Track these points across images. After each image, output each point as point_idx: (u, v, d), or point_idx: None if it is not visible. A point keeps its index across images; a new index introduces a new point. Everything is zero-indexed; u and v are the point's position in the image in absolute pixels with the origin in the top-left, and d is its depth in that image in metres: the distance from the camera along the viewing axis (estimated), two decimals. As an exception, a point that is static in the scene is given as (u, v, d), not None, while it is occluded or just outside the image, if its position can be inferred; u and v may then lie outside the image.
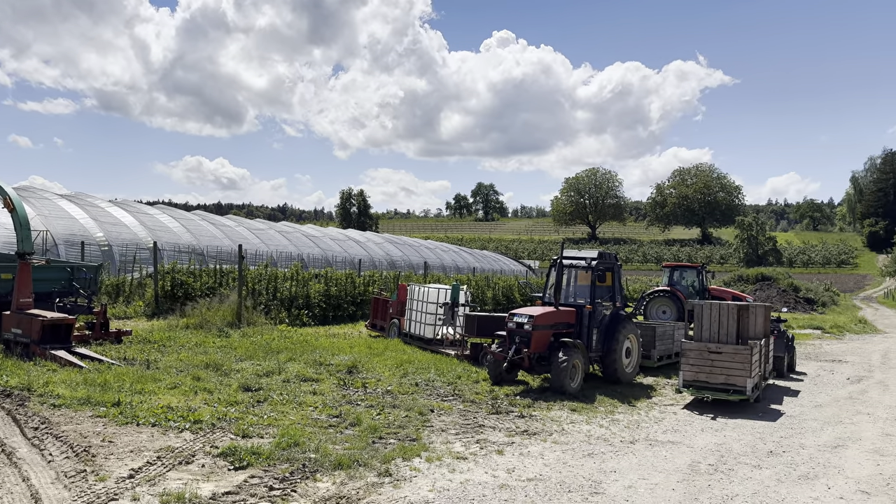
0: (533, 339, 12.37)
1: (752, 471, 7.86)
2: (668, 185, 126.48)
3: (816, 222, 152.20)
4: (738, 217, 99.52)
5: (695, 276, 25.92)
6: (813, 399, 12.86)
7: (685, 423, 10.40)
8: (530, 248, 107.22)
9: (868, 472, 7.98)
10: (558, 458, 8.06)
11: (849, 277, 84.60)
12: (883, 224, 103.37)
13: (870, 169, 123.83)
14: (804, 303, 42.79)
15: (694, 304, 12.96)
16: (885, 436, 9.90)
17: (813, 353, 20.71)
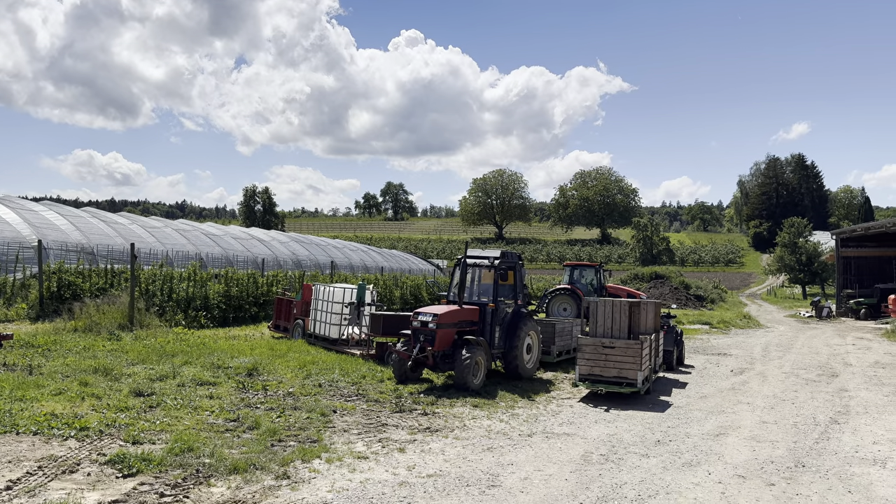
0: (437, 338, 12.49)
1: (641, 459, 8.27)
2: (571, 187, 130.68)
3: (706, 223, 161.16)
4: (634, 218, 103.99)
5: (593, 274, 26.95)
6: (699, 390, 13.63)
7: (580, 416, 10.80)
8: (439, 248, 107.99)
9: (745, 457, 8.56)
10: (459, 454, 8.19)
11: (736, 276, 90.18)
12: (766, 225, 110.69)
13: (755, 174, 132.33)
14: (694, 300, 45.26)
15: (589, 302, 13.47)
16: (761, 423, 10.63)
17: (701, 346, 21.94)
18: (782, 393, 13.39)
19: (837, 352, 21.12)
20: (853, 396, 13.13)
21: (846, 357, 19.67)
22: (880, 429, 10.32)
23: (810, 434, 9.88)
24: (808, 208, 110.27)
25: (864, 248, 44.31)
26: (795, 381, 14.92)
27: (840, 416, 11.20)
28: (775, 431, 10.02)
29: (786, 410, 11.64)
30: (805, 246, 59.84)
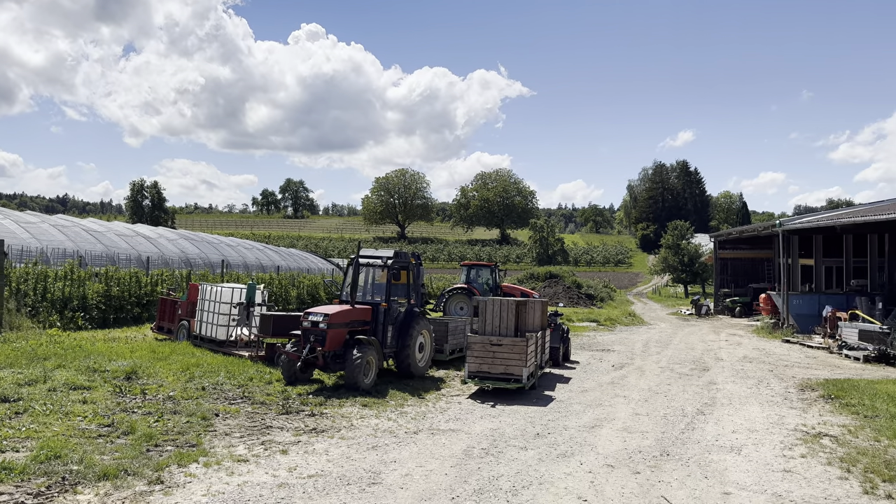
0: (328, 338, 12.44)
1: (519, 452, 8.60)
2: (472, 188, 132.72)
3: (599, 225, 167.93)
4: (532, 220, 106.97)
5: (489, 273, 27.55)
6: (581, 385, 14.27)
7: (467, 412, 11.07)
8: (341, 247, 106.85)
9: (616, 447, 9.07)
10: (343, 453, 8.22)
11: (624, 275, 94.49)
12: (653, 228, 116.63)
13: (643, 179, 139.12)
14: (585, 298, 47.09)
15: (478, 301, 13.81)
16: (635, 415, 11.28)
17: (587, 343, 22.91)
18: (657, 386, 14.23)
19: (711, 347, 22.62)
20: (720, 389, 14.14)
21: (718, 352, 21.11)
22: (740, 419, 11.18)
23: (678, 425, 10.58)
24: (691, 212, 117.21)
25: (739, 250, 47.62)
26: (670, 375, 15.88)
27: (706, 408, 12.04)
28: (646, 423, 10.66)
29: (658, 403, 12.39)
30: (687, 248, 63.57)
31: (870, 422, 10.72)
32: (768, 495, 7.17)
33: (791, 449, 9.12)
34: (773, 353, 21.19)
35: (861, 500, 7.01)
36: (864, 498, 7.06)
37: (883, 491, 7.23)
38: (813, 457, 8.68)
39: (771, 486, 7.49)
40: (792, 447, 9.22)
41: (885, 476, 7.70)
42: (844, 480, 7.65)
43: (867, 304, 26.81)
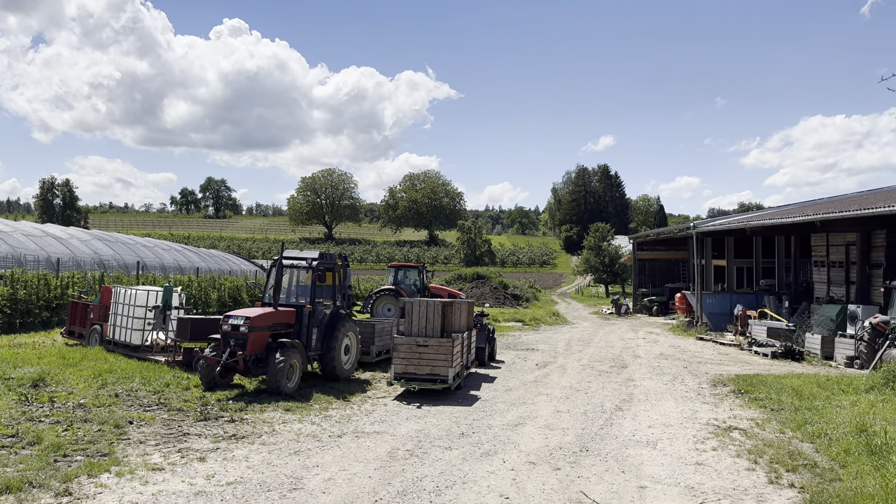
0: (249, 341, 12.15)
1: (444, 452, 8.64)
2: (401, 189, 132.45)
3: (525, 227, 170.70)
4: (460, 221, 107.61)
5: (416, 275, 27.58)
6: (506, 384, 14.46)
7: (393, 414, 11.04)
8: (265, 248, 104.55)
9: (538, 445, 9.24)
10: (263, 459, 8.05)
11: (549, 276, 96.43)
12: (576, 230, 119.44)
13: (567, 182, 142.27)
14: (511, 298, 47.78)
15: (405, 302, 13.79)
16: (556, 413, 11.52)
17: (513, 343, 23.25)
18: (578, 384, 14.59)
19: (629, 345, 23.36)
20: (638, 385, 14.61)
21: (636, 350, 21.82)
22: (656, 414, 11.58)
23: (597, 421, 10.87)
24: (612, 214, 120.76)
25: (656, 251, 49.42)
26: (591, 373, 16.31)
27: (624, 404, 12.42)
28: (567, 420, 10.91)
29: (579, 400, 12.70)
30: (608, 249, 65.49)
31: (776, 415, 11.31)
32: (681, 488, 7.45)
33: (703, 442, 9.51)
34: (688, 350, 22.07)
35: (766, 489, 7.38)
36: (769, 487, 7.44)
37: (786, 480, 7.64)
38: (723, 449, 9.08)
39: (684, 478, 7.79)
40: (704, 441, 9.62)
41: (788, 466, 8.14)
42: (752, 471, 8.04)
43: (775, 303, 28.31)
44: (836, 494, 6.76)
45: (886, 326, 17.45)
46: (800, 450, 8.92)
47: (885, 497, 6.41)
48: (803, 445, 9.22)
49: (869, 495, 6.53)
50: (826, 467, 8.06)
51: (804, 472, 7.88)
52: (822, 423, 10.12)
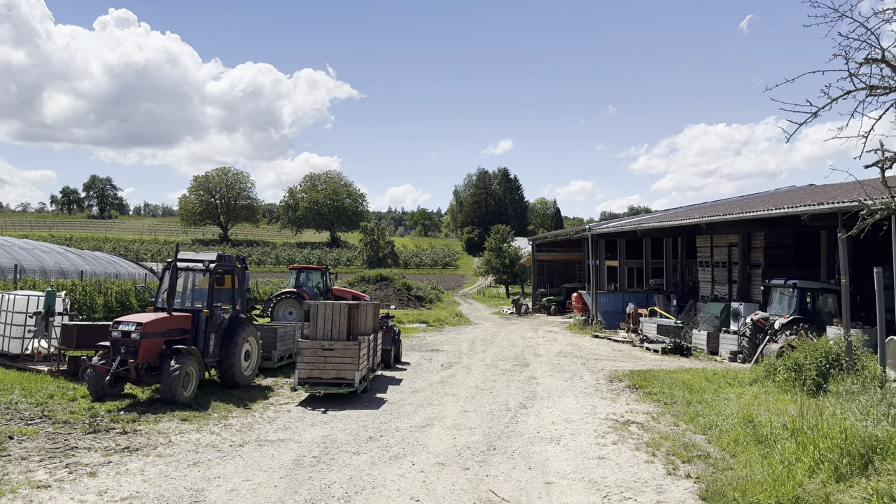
0: (141, 349, 11.51)
1: (352, 457, 8.50)
2: (301, 189, 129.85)
3: (428, 229, 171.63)
4: (362, 222, 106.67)
5: (319, 277, 27.08)
6: (412, 385, 14.43)
7: (297, 420, 10.76)
8: (155, 250, 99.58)
9: (446, 445, 9.26)
10: (160, 472, 7.62)
11: (452, 277, 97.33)
12: (477, 231, 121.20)
13: (468, 185, 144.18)
14: (415, 300, 47.84)
15: (309, 305, 13.50)
16: (463, 413, 11.60)
17: (418, 344, 23.27)
18: (483, 383, 14.77)
19: (530, 344, 23.91)
20: (540, 383, 14.96)
21: (537, 349, 22.36)
22: (558, 410, 11.89)
23: (502, 419, 11.03)
24: (512, 217, 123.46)
25: (554, 252, 50.94)
26: (495, 372, 16.56)
27: (528, 402, 12.68)
28: (474, 419, 11.01)
29: (484, 399, 12.85)
30: (508, 250, 66.81)
31: (669, 408, 11.88)
32: (586, 482, 7.67)
33: (604, 437, 9.84)
34: (585, 347, 22.86)
35: (665, 480, 7.72)
36: (667, 479, 7.78)
37: (683, 471, 8.02)
38: (623, 443, 9.43)
39: (588, 472, 8.03)
40: (604, 435, 9.96)
41: (684, 457, 8.55)
42: (650, 464, 8.39)
43: (664, 301, 29.81)
44: (728, 483, 7.15)
45: (766, 322, 18.74)
46: (693, 441, 9.40)
47: (772, 483, 6.84)
48: (696, 437, 9.72)
49: (757, 482, 6.95)
50: (718, 457, 8.52)
51: (699, 463, 8.31)
52: (713, 416, 10.71)
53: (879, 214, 9.32)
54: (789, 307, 18.70)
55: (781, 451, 7.72)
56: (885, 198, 9.36)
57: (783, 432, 8.45)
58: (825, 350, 12.21)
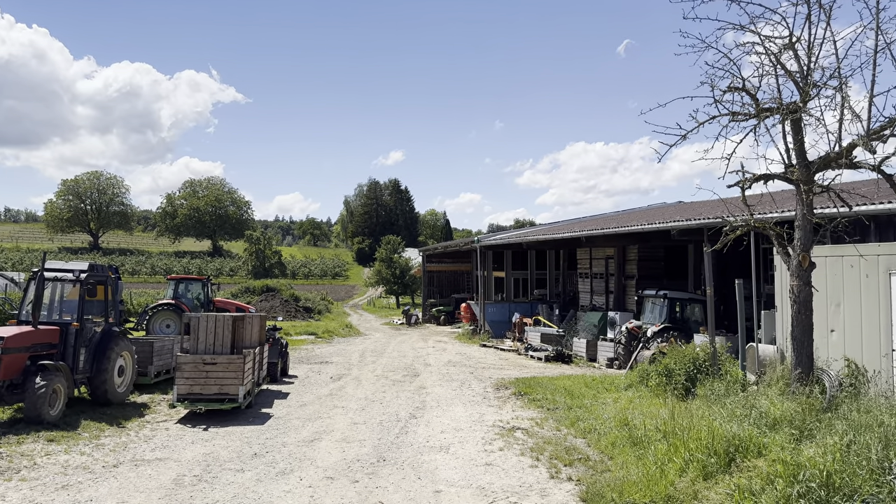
0: (2, 365, 10.63)
1: (236, 475, 8.22)
2: (180, 195, 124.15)
3: (317, 238, 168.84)
4: (247, 231, 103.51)
5: (200, 288, 26.00)
6: (300, 399, 14.15)
7: (176, 438, 10.28)
8: (16, 258, 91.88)
9: (335, 459, 9.15)
10: (24, 497, 7.07)
11: (341, 288, 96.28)
12: (368, 242, 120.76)
13: (359, 194, 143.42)
14: (304, 311, 46.89)
15: (190, 317, 12.97)
16: (353, 425, 11.50)
17: (306, 356, 22.83)
18: (373, 394, 14.71)
19: (420, 354, 24.06)
20: (429, 393, 15.09)
21: (427, 358, 22.54)
22: (447, 419, 12.05)
23: (392, 430, 11.04)
24: (403, 227, 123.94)
25: (444, 263, 51.59)
26: (385, 383, 16.53)
27: (418, 411, 12.76)
28: (364, 431, 10.95)
29: (375, 410, 12.81)
30: (399, 261, 67.00)
31: (552, 414, 12.33)
32: (474, 489, 7.82)
33: (491, 443, 10.08)
34: (473, 356, 23.28)
35: (549, 484, 8.01)
36: (551, 482, 8.08)
37: (565, 474, 8.35)
38: (509, 449, 9.70)
39: (476, 479, 8.19)
40: (492, 442, 10.19)
41: (566, 461, 8.90)
42: (535, 468, 8.68)
43: (547, 311, 30.90)
44: (606, 484, 7.52)
45: (639, 331, 19.86)
46: (574, 445, 9.81)
47: (646, 483, 7.26)
48: (577, 441, 10.15)
49: (633, 482, 7.36)
50: (597, 460, 8.94)
51: (580, 466, 8.68)
52: (592, 420, 11.22)
53: (740, 230, 10.17)
54: (660, 316, 19.91)
55: (654, 452, 8.21)
56: (745, 215, 10.23)
57: (656, 434, 8.99)
58: (693, 356, 13.10)
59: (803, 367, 9.20)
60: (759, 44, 9.16)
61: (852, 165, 8.92)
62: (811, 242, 9.34)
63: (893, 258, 9.87)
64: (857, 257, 10.36)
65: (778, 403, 8.58)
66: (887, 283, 9.89)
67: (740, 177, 9.70)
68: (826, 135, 8.94)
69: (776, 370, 10.63)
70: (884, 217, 12.52)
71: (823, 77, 8.90)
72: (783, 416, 8.07)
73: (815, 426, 7.68)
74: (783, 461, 6.37)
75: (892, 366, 9.67)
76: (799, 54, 8.93)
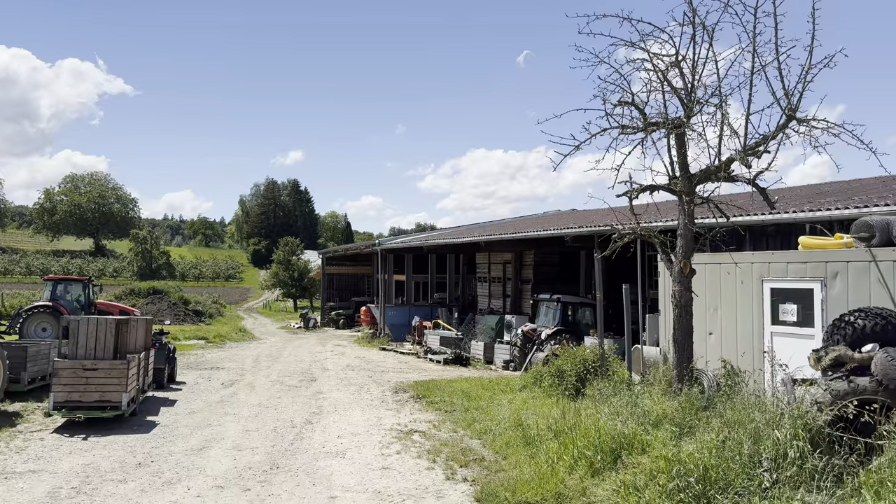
0: None
1: (118, 486, 7.79)
2: (60, 191, 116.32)
3: (209, 239, 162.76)
4: (133, 230, 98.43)
5: (80, 289, 24.51)
6: (188, 406, 13.57)
7: (52, 449, 9.61)
8: None
9: (226, 467, 8.84)
10: None
11: (235, 290, 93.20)
12: (265, 243, 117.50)
13: (255, 194, 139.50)
14: (194, 315, 45.05)
15: (69, 320, 12.18)
16: (245, 432, 11.15)
17: (195, 362, 21.93)
18: (267, 400, 14.33)
19: (318, 358, 23.68)
20: (326, 397, 14.87)
21: (325, 363, 22.21)
22: (345, 424, 11.91)
23: (287, 436, 10.80)
24: (302, 229, 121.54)
25: (344, 266, 51.03)
26: (280, 388, 16.14)
27: (314, 417, 12.54)
28: (257, 438, 10.64)
29: (269, 417, 12.48)
30: (297, 263, 65.64)
31: (449, 416, 12.46)
32: (370, 493, 7.78)
33: (388, 447, 10.05)
34: (372, 360, 23.16)
35: (444, 485, 8.08)
36: (446, 483, 8.15)
37: (460, 475, 8.45)
38: (406, 452, 9.71)
39: (372, 484, 8.15)
40: (389, 445, 10.17)
41: (461, 462, 9.01)
42: (431, 470, 8.73)
43: (447, 314, 31.23)
44: (500, 484, 7.68)
45: (534, 333, 20.42)
46: (470, 446, 9.96)
47: (538, 481, 7.47)
48: (473, 442, 10.30)
49: (526, 481, 7.55)
50: (492, 460, 9.11)
51: (475, 467, 8.81)
52: (487, 421, 11.42)
53: (628, 238, 10.67)
54: (554, 319, 20.58)
55: (546, 451, 8.47)
56: (632, 224, 10.74)
57: (548, 434, 9.27)
58: (583, 358, 13.60)
59: (684, 368, 9.75)
60: (649, 61, 9.64)
61: (730, 179, 9.56)
62: (692, 250, 9.92)
63: (766, 266, 10.65)
64: (734, 265, 11.11)
65: (660, 402, 9.05)
66: (760, 290, 10.66)
67: (628, 187, 10.17)
68: (707, 149, 9.52)
69: (659, 371, 11.21)
70: (758, 227, 13.52)
71: (706, 95, 9.49)
72: (665, 414, 8.52)
73: (694, 424, 8.16)
74: (665, 457, 6.73)
75: (763, 366, 10.43)
76: (684, 72, 9.47)
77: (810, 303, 9.80)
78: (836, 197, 14.72)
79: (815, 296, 9.71)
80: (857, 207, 11.72)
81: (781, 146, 9.09)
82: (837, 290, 9.46)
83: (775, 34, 8.53)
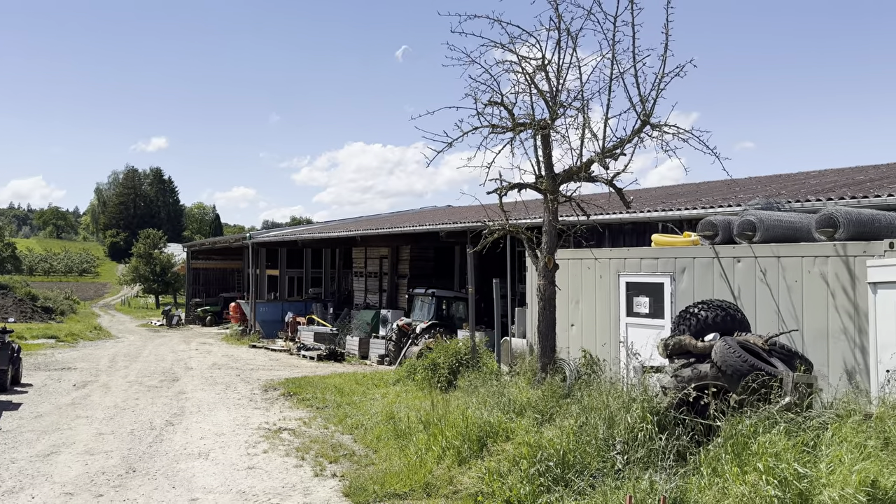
0: None
1: (-53, 501, 7.08)
2: None
3: (61, 230, 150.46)
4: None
5: None
6: (35, 410, 12.54)
7: None
8: None
9: (76, 472, 8.26)
10: None
11: (90, 286, 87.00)
12: (124, 235, 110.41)
13: (113, 183, 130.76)
14: (42, 312, 41.56)
15: None
16: (99, 435, 10.46)
17: (44, 363, 20.27)
18: (124, 402, 13.50)
19: (181, 357, 22.58)
20: (190, 398, 14.23)
21: (189, 362, 21.22)
22: (209, 424, 11.46)
23: (145, 439, 10.24)
24: (165, 221, 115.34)
25: (212, 260, 48.91)
26: (139, 389, 15.26)
27: (175, 418, 11.97)
28: (112, 441, 10.02)
29: (125, 419, 11.78)
30: (160, 257, 62.11)
31: (321, 412, 12.31)
32: (233, 494, 7.55)
33: (255, 447, 9.79)
34: (242, 358, 22.41)
35: (312, 482, 7.98)
36: (314, 480, 8.06)
37: (329, 471, 8.38)
38: (274, 451, 9.50)
39: (236, 484, 7.90)
40: (256, 445, 9.91)
41: (331, 458, 8.94)
42: (299, 468, 8.60)
43: (321, 310, 30.75)
44: (369, 477, 7.70)
45: (409, 327, 20.59)
46: (341, 442, 9.90)
47: (407, 473, 7.56)
48: (344, 437, 10.25)
49: (395, 473, 7.62)
50: (363, 454, 9.11)
51: (345, 462, 8.77)
52: (360, 416, 11.40)
53: (498, 234, 11.00)
54: (429, 313, 20.85)
55: (416, 443, 8.58)
56: (502, 220, 11.08)
57: (418, 426, 9.40)
58: (455, 350, 13.89)
59: (547, 358, 10.20)
60: (518, 63, 9.98)
61: (590, 179, 10.09)
62: (556, 246, 10.39)
63: (622, 262, 11.34)
64: (594, 260, 11.74)
65: (525, 391, 9.43)
66: (617, 284, 11.34)
67: (498, 185, 10.50)
68: (570, 151, 10.00)
69: (525, 361, 11.68)
70: (615, 225, 14.36)
71: (569, 98, 9.96)
72: (529, 402, 8.88)
73: (555, 411, 8.56)
74: (527, 443, 7.02)
75: (619, 355, 11.11)
76: (550, 76, 9.88)
77: (661, 296, 10.55)
78: (686, 198, 15.95)
79: (666, 289, 10.46)
80: (703, 208, 12.75)
81: (637, 150, 9.71)
82: (685, 284, 10.24)
83: (633, 43, 9.08)
